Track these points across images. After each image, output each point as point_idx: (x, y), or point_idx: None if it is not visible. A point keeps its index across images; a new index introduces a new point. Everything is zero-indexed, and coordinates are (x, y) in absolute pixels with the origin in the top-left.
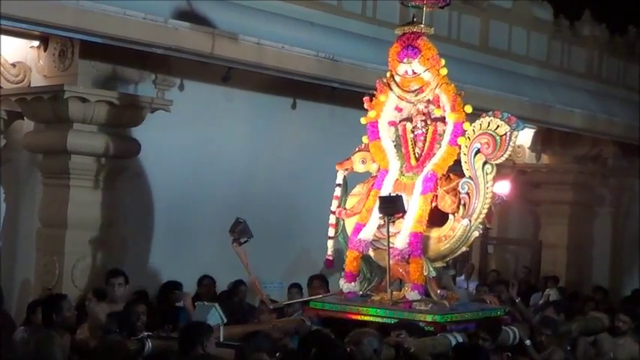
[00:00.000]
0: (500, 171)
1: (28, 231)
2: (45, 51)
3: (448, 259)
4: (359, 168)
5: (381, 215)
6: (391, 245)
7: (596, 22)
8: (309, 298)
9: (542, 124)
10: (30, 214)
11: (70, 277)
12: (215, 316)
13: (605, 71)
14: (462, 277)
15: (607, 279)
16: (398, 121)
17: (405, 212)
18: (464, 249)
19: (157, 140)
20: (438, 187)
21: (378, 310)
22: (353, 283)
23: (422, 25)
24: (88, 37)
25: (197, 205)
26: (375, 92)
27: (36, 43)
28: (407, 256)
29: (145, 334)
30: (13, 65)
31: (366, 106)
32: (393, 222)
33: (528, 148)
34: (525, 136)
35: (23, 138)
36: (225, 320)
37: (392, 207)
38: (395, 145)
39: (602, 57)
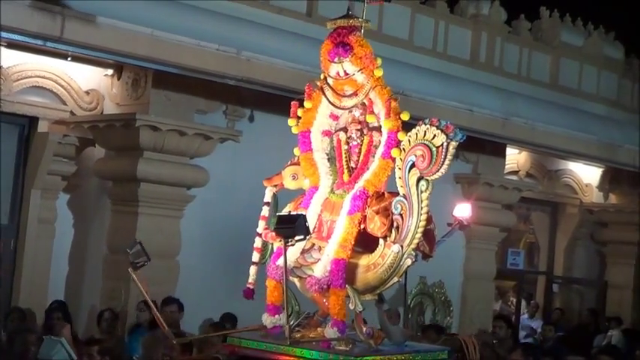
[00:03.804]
0: (568, 210)
1: (95, 257)
2: (118, 79)
3: (379, 291)
4: (290, 184)
5: (279, 239)
6: (310, 273)
7: None
8: (228, 331)
9: (611, 163)
10: (98, 241)
11: (135, 304)
12: (61, 352)
13: None
14: (526, 315)
15: None
16: (334, 131)
17: (307, 234)
18: (396, 280)
19: (226, 170)
20: (367, 206)
21: (297, 350)
22: (277, 316)
23: (357, 19)
24: (162, 66)
25: None
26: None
27: (110, 71)
28: (325, 287)
29: None
30: (87, 93)
31: (291, 112)
32: (293, 245)
33: (596, 187)
34: (593, 175)
35: (94, 165)
36: (74, 358)
37: (290, 228)
38: (329, 159)
39: None
